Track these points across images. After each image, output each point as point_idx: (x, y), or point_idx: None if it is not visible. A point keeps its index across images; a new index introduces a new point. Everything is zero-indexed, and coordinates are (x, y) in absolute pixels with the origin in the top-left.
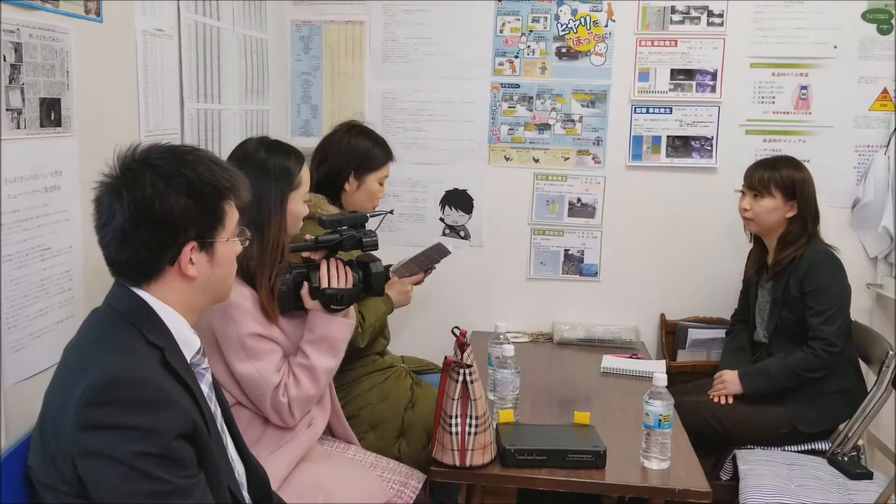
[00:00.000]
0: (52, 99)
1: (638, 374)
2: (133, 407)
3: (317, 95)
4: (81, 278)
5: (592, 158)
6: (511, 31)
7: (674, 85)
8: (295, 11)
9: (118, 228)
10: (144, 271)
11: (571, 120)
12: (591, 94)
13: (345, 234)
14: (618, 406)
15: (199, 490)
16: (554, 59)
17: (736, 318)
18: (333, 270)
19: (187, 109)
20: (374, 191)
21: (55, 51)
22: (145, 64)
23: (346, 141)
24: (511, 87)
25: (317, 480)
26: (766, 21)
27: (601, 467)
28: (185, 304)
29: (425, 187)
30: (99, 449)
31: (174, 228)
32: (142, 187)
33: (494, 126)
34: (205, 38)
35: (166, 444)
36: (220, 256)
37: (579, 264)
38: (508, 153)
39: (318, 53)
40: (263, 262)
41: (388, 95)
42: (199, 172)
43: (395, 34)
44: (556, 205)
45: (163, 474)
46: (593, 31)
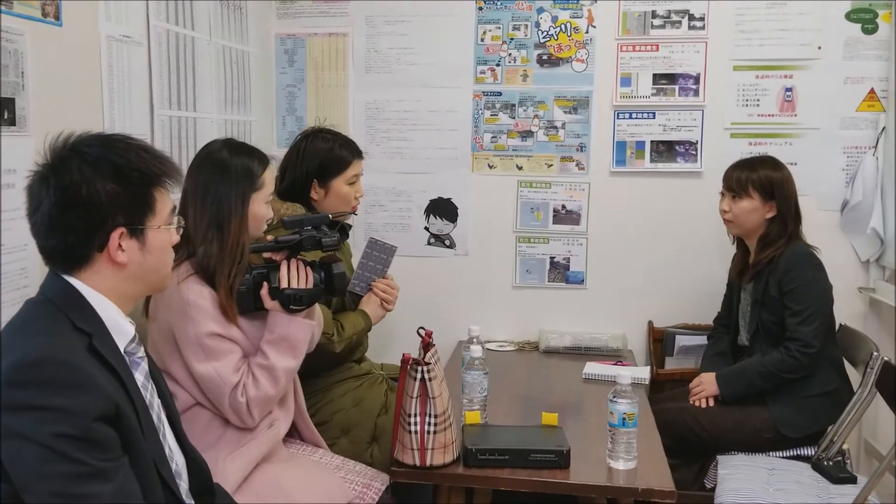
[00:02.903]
0: (6, 98)
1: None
2: (52, 388)
3: (302, 107)
4: (37, 275)
5: (576, 165)
6: (492, 40)
7: (656, 90)
8: (279, 25)
9: (46, 214)
10: (73, 258)
11: (554, 127)
12: (573, 101)
13: (305, 234)
14: (593, 410)
15: (120, 474)
16: (535, 66)
17: (718, 321)
18: (294, 271)
19: (157, 115)
20: (344, 193)
21: (9, 52)
22: (110, 69)
23: (304, 148)
24: (493, 95)
25: (277, 481)
26: (748, 23)
27: (565, 467)
28: (117, 292)
29: (410, 196)
30: (17, 430)
31: (101, 214)
32: (69, 173)
33: (477, 134)
34: (178, 47)
35: (85, 425)
36: (152, 244)
37: (565, 272)
38: (492, 161)
39: (302, 66)
40: (223, 262)
41: (372, 106)
42: (127, 159)
43: (378, 45)
44: (540, 212)
45: (82, 456)
46: (574, 38)
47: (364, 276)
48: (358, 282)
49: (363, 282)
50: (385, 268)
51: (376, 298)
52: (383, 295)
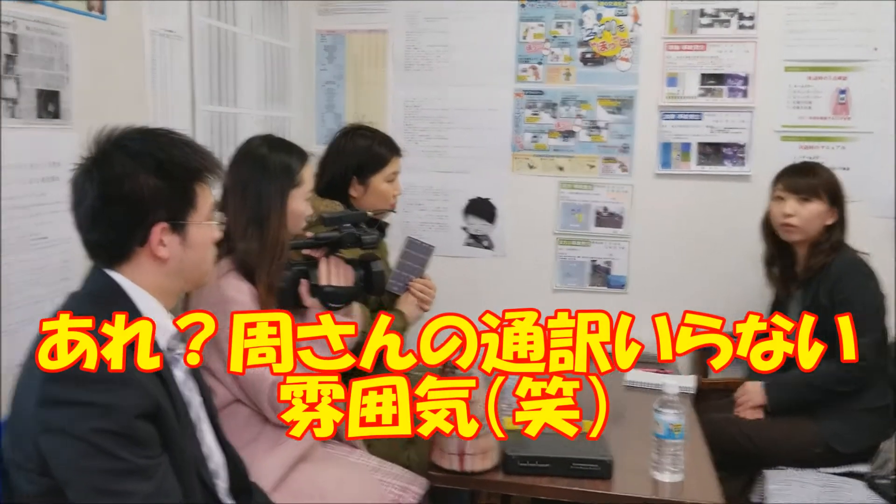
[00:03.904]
0: (51, 91)
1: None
2: (93, 384)
3: (340, 104)
4: (80, 269)
5: (619, 166)
6: (534, 38)
7: (704, 90)
8: (320, 21)
9: (89, 208)
10: (116, 252)
11: (597, 127)
12: (617, 101)
13: (345, 231)
14: (636, 419)
15: (159, 472)
16: (578, 64)
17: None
18: (333, 268)
19: (199, 111)
20: (383, 191)
21: (54, 44)
22: (153, 63)
23: (343, 145)
24: (535, 94)
25: (314, 481)
26: (799, 23)
27: (607, 478)
28: (159, 287)
29: (448, 196)
30: (58, 425)
31: (143, 208)
32: (111, 167)
33: (518, 134)
34: (219, 42)
35: (126, 422)
36: (194, 239)
37: (606, 275)
38: (532, 161)
39: (342, 62)
40: (263, 258)
41: (411, 104)
42: (170, 153)
43: (418, 42)
44: (581, 214)
45: (122, 453)
46: (619, 36)
47: (402, 275)
48: (395, 281)
49: (401, 281)
50: (423, 267)
51: (413, 298)
52: (421, 295)
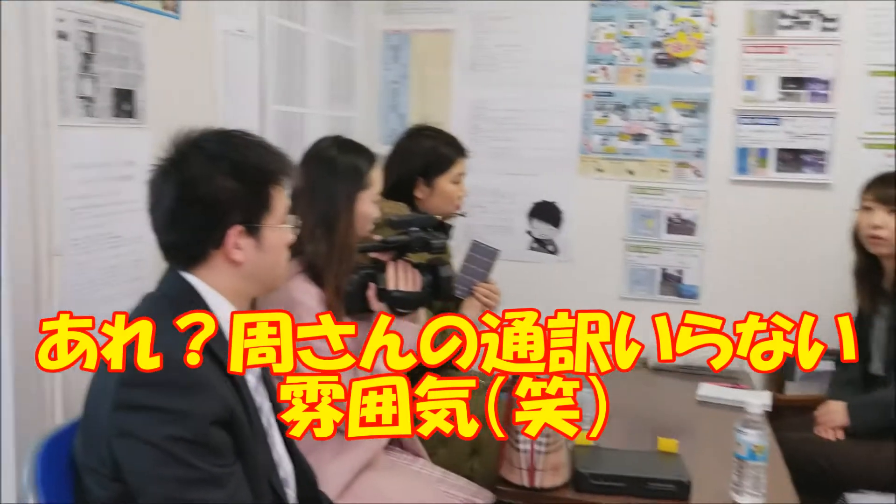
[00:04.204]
0: (126, 90)
1: (738, 405)
2: (168, 389)
3: (404, 104)
4: (152, 268)
5: (693, 171)
6: (605, 38)
7: (783, 94)
8: (385, 21)
9: (166, 209)
10: (191, 254)
11: (670, 130)
12: (691, 103)
13: (413, 235)
14: (711, 436)
15: (233, 481)
16: (651, 65)
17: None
18: (401, 272)
19: (268, 111)
20: (449, 192)
21: (130, 43)
22: (225, 63)
23: (408, 146)
24: (604, 96)
25: (379, 490)
26: (885, 25)
27: (684, 499)
28: (234, 290)
29: (512, 198)
30: (132, 430)
31: (219, 211)
32: (189, 169)
33: (586, 136)
34: (289, 42)
35: (201, 429)
36: (269, 243)
37: (678, 284)
38: (601, 164)
39: (406, 62)
40: (331, 261)
41: (476, 104)
42: (246, 156)
43: (484, 42)
44: (652, 220)
45: (196, 461)
46: (694, 37)
47: (466, 279)
48: (459, 285)
49: (465, 285)
50: (487, 271)
51: (478, 303)
52: (485, 300)
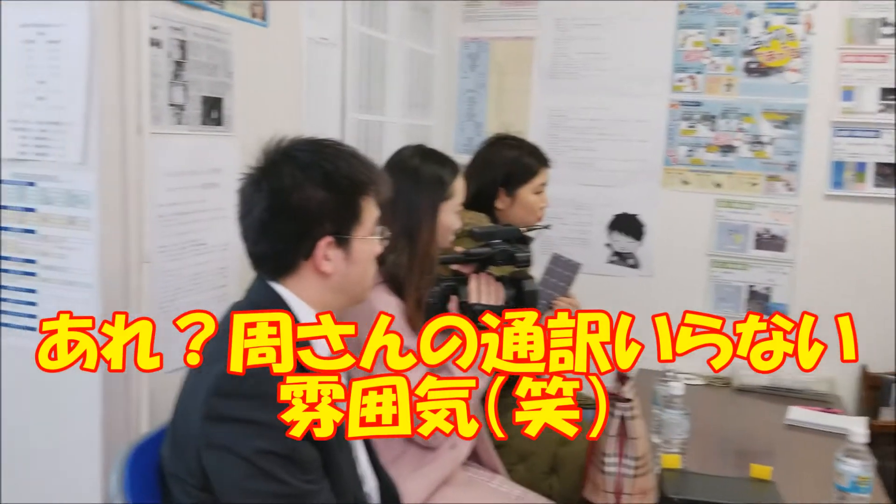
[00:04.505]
0: (214, 98)
1: (831, 431)
2: (260, 402)
3: (481, 112)
4: (236, 275)
5: (785, 185)
6: (693, 45)
7: (883, 105)
8: (464, 28)
9: (256, 219)
10: (280, 264)
11: (760, 142)
12: (784, 114)
13: (497, 248)
14: (804, 464)
15: (321, 497)
16: (742, 74)
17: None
18: (483, 285)
19: (348, 119)
20: (531, 203)
21: (219, 51)
22: (309, 71)
23: (490, 155)
24: (692, 105)
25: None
26: None
27: None
28: (321, 302)
29: (592, 210)
30: (223, 442)
31: (310, 221)
32: (280, 178)
33: (671, 147)
34: (370, 50)
35: (291, 444)
36: (357, 255)
37: (765, 302)
38: (686, 177)
39: (484, 70)
40: (412, 272)
41: (556, 113)
42: (337, 165)
43: (567, 49)
44: (740, 235)
45: (285, 476)
46: (788, 45)
47: (545, 293)
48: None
49: (544, 299)
50: (568, 285)
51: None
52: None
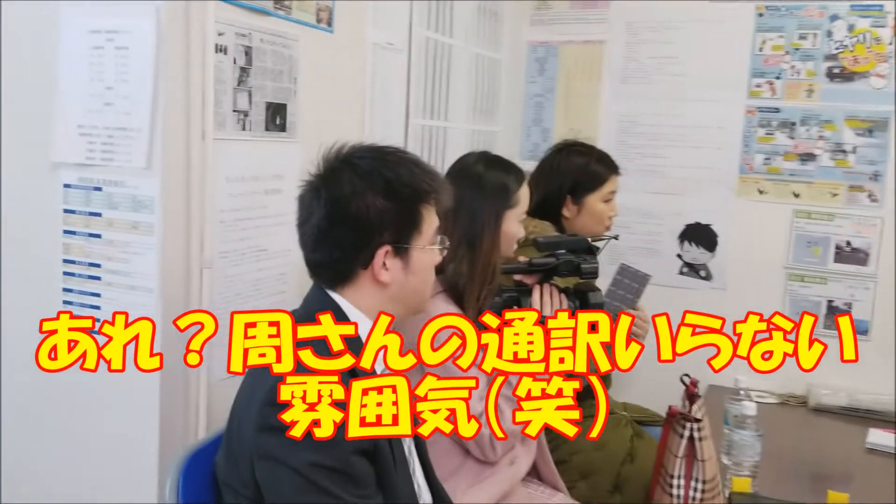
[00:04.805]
0: (278, 104)
1: None
2: None
3: (548, 118)
4: (296, 282)
5: (868, 196)
6: (773, 49)
7: None
8: (531, 32)
9: (315, 227)
10: (338, 273)
11: (843, 150)
12: (868, 122)
13: (562, 258)
14: (885, 491)
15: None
16: (824, 80)
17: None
18: (547, 297)
19: (412, 125)
20: (598, 212)
21: (284, 57)
22: (373, 77)
23: (558, 162)
24: (769, 112)
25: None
26: None
27: None
28: (378, 311)
29: (661, 219)
30: (275, 453)
31: (369, 229)
32: (339, 185)
33: (747, 154)
34: (435, 55)
35: (344, 457)
36: (416, 264)
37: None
38: (763, 186)
39: (553, 75)
40: (473, 281)
41: (626, 118)
42: (398, 173)
43: (638, 54)
44: (819, 247)
45: (337, 490)
46: (874, 49)
47: (612, 304)
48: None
49: (611, 311)
50: (636, 297)
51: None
52: (633, 328)
